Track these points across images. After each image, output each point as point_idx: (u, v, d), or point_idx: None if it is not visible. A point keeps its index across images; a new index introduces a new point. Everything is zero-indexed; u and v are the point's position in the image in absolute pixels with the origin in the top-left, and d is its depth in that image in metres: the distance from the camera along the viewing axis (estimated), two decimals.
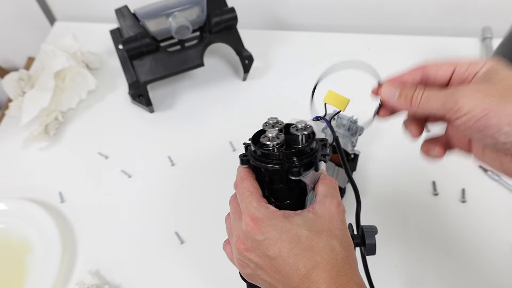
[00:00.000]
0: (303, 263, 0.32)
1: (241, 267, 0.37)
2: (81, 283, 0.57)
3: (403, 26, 0.92)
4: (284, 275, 0.33)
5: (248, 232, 0.34)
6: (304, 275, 0.32)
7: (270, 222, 0.34)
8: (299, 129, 0.37)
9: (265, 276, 0.35)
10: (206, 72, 0.82)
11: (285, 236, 0.33)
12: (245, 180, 0.38)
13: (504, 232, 0.60)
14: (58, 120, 0.76)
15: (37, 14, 0.98)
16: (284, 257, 0.33)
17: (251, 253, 0.35)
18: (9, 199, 0.66)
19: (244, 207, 0.36)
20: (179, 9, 0.71)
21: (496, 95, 0.28)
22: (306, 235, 0.33)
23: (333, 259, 0.33)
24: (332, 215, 0.35)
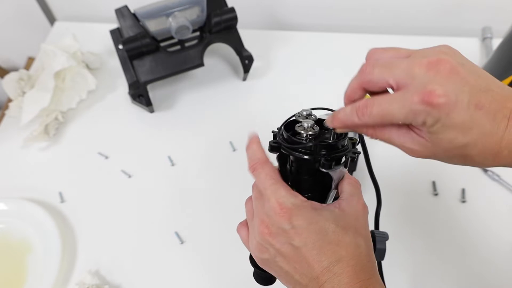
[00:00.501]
0: (327, 256, 0.33)
1: (259, 251, 0.36)
2: (81, 283, 0.57)
3: (403, 26, 0.92)
4: (305, 265, 0.33)
5: (275, 218, 0.34)
6: (326, 267, 0.33)
7: (299, 212, 0.34)
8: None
9: (284, 263, 0.35)
10: (206, 72, 0.82)
11: (313, 227, 0.33)
12: (265, 165, 0.36)
13: (504, 232, 0.60)
14: (58, 120, 0.76)
15: (37, 14, 0.98)
16: (309, 247, 0.33)
17: (274, 238, 0.35)
18: (9, 199, 0.66)
19: (270, 193, 0.35)
20: (179, 9, 0.71)
21: (427, 147, 0.31)
22: (333, 229, 0.34)
23: (357, 256, 0.33)
24: (358, 214, 0.36)
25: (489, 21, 0.85)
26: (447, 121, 0.29)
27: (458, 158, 0.32)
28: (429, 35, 0.86)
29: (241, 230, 0.41)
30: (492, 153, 0.30)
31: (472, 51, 0.83)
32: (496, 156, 0.30)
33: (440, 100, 0.28)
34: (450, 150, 0.31)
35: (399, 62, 0.31)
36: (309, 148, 0.36)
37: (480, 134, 0.29)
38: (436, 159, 0.34)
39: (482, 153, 0.30)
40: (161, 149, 0.72)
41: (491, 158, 0.30)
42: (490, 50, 0.81)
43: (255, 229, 0.37)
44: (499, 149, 0.30)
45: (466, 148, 0.30)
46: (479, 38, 0.85)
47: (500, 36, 0.67)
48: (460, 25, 0.89)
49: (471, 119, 0.29)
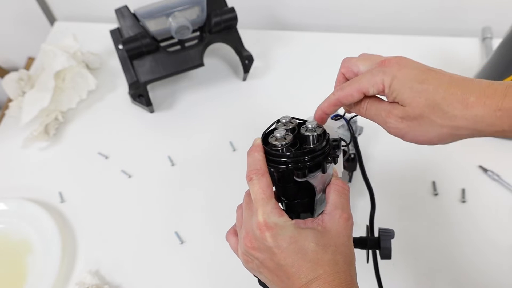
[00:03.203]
0: (305, 274, 0.34)
1: (244, 261, 0.38)
2: (81, 283, 0.57)
3: (403, 26, 0.92)
4: (286, 279, 0.35)
5: (258, 234, 0.35)
6: (304, 284, 0.34)
7: (280, 231, 0.35)
8: (309, 130, 0.37)
9: (267, 274, 0.37)
10: (206, 72, 0.82)
11: (292, 247, 0.35)
12: (262, 177, 0.36)
13: (504, 232, 0.60)
14: (58, 120, 0.76)
15: (37, 14, 0.98)
16: (289, 265, 0.35)
17: (257, 252, 0.36)
18: (9, 199, 0.66)
19: (258, 207, 0.36)
20: (179, 9, 0.71)
21: (409, 120, 0.36)
22: (313, 249, 0.35)
23: (335, 272, 0.34)
24: (340, 231, 0.36)
25: (489, 21, 0.85)
26: (401, 76, 0.35)
27: (427, 109, 0.35)
28: (429, 35, 0.86)
29: (230, 238, 0.42)
30: (457, 99, 0.34)
31: (472, 51, 0.83)
32: (464, 104, 0.33)
33: (392, 60, 0.37)
34: (415, 103, 0.35)
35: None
36: (283, 157, 0.35)
37: (435, 79, 0.35)
38: (414, 131, 0.36)
39: (447, 98, 0.34)
40: (161, 149, 0.72)
41: (459, 106, 0.34)
42: (490, 50, 0.81)
43: (241, 240, 0.38)
44: (463, 97, 0.34)
45: (428, 93, 0.34)
46: (479, 38, 0.85)
47: (500, 36, 0.67)
48: (460, 25, 0.89)
49: (424, 73, 0.36)
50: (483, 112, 0.33)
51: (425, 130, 0.35)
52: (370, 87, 0.37)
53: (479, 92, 0.33)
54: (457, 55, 0.82)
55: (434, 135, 0.35)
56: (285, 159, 0.35)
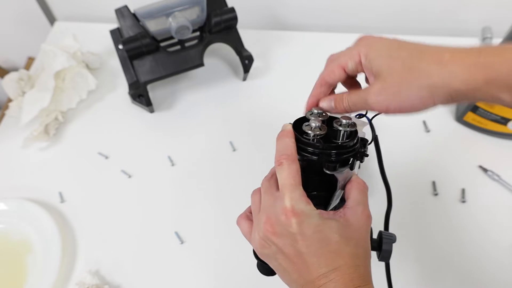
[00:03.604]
0: (326, 264, 0.34)
1: (260, 246, 0.37)
2: (81, 283, 0.57)
3: (403, 26, 0.92)
4: (303, 268, 0.35)
5: (283, 220, 0.35)
6: (323, 274, 0.34)
7: (306, 219, 0.35)
8: (343, 125, 0.37)
9: (284, 261, 0.36)
10: (206, 72, 0.82)
11: (317, 236, 0.35)
12: (292, 163, 0.36)
13: (504, 232, 0.60)
14: (58, 120, 0.76)
15: (37, 14, 0.98)
16: (311, 254, 0.34)
17: (277, 238, 0.35)
18: (9, 199, 0.66)
19: (286, 193, 0.35)
20: (179, 9, 0.71)
21: (392, 92, 0.36)
22: (336, 239, 0.35)
23: (355, 265, 0.35)
24: (362, 225, 0.37)
25: (489, 21, 0.85)
26: (377, 46, 0.39)
27: (404, 72, 0.36)
28: (429, 35, 0.86)
29: (242, 222, 0.41)
30: (432, 58, 0.35)
31: None
32: (439, 62, 0.34)
33: (367, 36, 0.41)
34: (392, 69, 0.36)
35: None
36: (316, 148, 0.36)
37: (410, 45, 0.38)
38: (395, 100, 0.36)
39: (422, 58, 0.35)
40: (161, 149, 0.72)
41: (434, 64, 0.35)
42: None
43: (260, 224, 0.37)
44: (438, 55, 0.35)
45: (403, 57, 0.36)
46: (479, 38, 0.85)
47: (500, 36, 0.67)
48: (460, 25, 0.89)
49: (397, 42, 0.39)
50: (457, 68, 0.33)
51: (406, 95, 0.36)
52: (348, 60, 0.40)
53: (454, 50, 0.35)
54: None
55: (415, 98, 0.35)
56: (318, 150, 0.36)
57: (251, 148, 0.71)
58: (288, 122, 0.40)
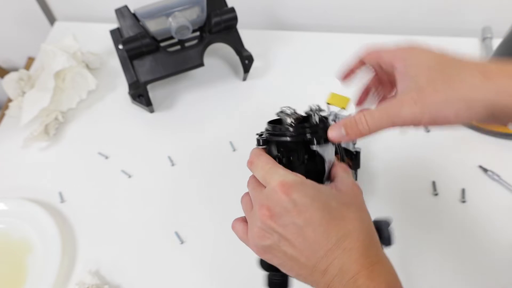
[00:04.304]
0: (335, 231, 0.32)
1: (261, 238, 0.35)
2: (81, 283, 0.57)
3: (403, 26, 0.92)
4: (310, 245, 0.32)
5: (276, 197, 0.33)
6: (335, 244, 0.32)
7: (300, 188, 0.33)
8: (313, 111, 0.39)
9: (288, 247, 0.33)
10: (206, 72, 0.82)
11: (317, 205, 0.33)
12: (261, 155, 0.37)
13: (504, 232, 0.60)
14: (58, 120, 0.76)
15: (37, 14, 0.98)
16: (315, 225, 0.32)
17: (277, 221, 0.33)
18: (9, 199, 0.66)
19: (270, 176, 0.35)
20: (179, 9, 0.71)
21: (430, 99, 0.33)
22: (336, 206, 0.33)
23: (364, 230, 0.33)
24: (356, 193, 0.36)
25: (489, 21, 0.85)
26: (418, 54, 0.35)
27: (443, 82, 0.33)
28: (429, 35, 0.86)
29: (236, 224, 0.40)
30: (476, 68, 0.33)
31: (472, 51, 0.83)
32: (484, 73, 0.32)
33: (409, 42, 0.37)
34: (431, 77, 0.33)
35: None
36: (296, 129, 0.37)
37: (451, 55, 0.35)
38: (431, 110, 0.33)
39: (465, 67, 0.33)
40: (161, 149, 0.72)
41: (479, 75, 0.32)
42: (490, 50, 0.81)
43: (255, 216, 0.35)
44: (483, 66, 0.33)
45: (444, 64, 0.34)
46: (479, 38, 0.85)
47: (500, 36, 0.67)
48: (460, 25, 0.89)
49: (439, 54, 0.35)
50: (504, 81, 0.31)
51: (442, 106, 0.32)
52: (385, 54, 0.38)
53: (500, 63, 0.32)
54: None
55: (450, 111, 0.32)
56: (298, 131, 0.37)
57: (251, 148, 0.71)
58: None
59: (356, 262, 0.31)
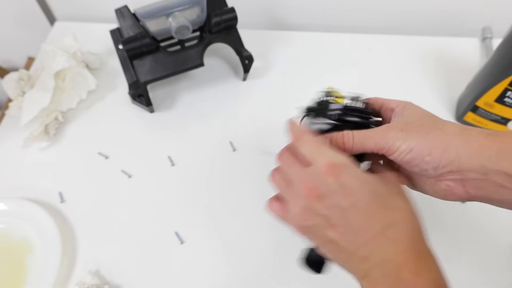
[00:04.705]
0: (380, 219, 0.31)
1: (303, 218, 0.34)
2: (81, 283, 0.57)
3: (403, 26, 0.92)
4: (353, 230, 0.31)
5: (323, 178, 0.32)
6: (379, 232, 0.31)
7: (349, 170, 0.32)
8: (356, 98, 0.41)
9: (329, 229, 0.32)
10: (206, 72, 0.82)
11: (364, 188, 0.32)
12: (307, 133, 0.36)
13: (504, 233, 0.60)
14: (58, 120, 0.76)
15: (37, 14, 0.98)
16: (360, 210, 0.31)
17: (322, 201, 0.32)
18: (9, 199, 0.66)
19: (318, 155, 0.34)
20: (179, 9, 0.71)
21: (414, 131, 0.34)
22: (384, 193, 0.32)
23: (411, 221, 0.32)
24: (398, 182, 0.36)
25: (489, 21, 0.85)
26: (414, 107, 0.38)
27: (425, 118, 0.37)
28: (429, 35, 0.86)
29: (273, 204, 0.38)
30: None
31: (472, 51, 0.83)
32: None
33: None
34: (425, 119, 0.36)
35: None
36: (368, 112, 0.40)
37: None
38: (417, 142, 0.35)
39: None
40: (161, 149, 0.72)
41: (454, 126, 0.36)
42: (490, 50, 0.81)
43: (297, 194, 0.34)
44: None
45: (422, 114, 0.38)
46: (479, 38, 0.85)
47: (500, 36, 0.67)
48: (460, 25, 0.89)
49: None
50: (484, 142, 0.33)
51: (422, 139, 0.35)
52: (385, 100, 0.41)
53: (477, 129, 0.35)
54: (457, 55, 0.82)
55: (427, 145, 0.34)
56: (369, 112, 0.40)
57: (251, 148, 0.71)
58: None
59: (400, 254, 0.30)
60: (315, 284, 0.56)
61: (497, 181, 0.33)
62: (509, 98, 0.63)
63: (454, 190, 0.36)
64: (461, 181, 0.35)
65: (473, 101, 0.67)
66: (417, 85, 0.79)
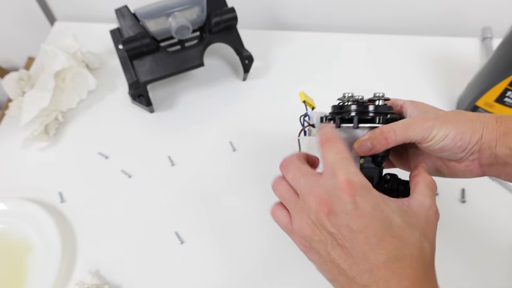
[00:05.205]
0: (387, 250, 0.29)
1: (311, 232, 0.32)
2: (81, 283, 0.57)
3: (403, 26, 0.92)
4: (357, 254, 0.30)
5: (339, 195, 0.31)
6: (383, 263, 0.29)
7: (366, 194, 0.31)
8: (379, 97, 0.40)
9: (333, 248, 0.31)
10: (206, 72, 0.82)
11: (378, 214, 0.30)
12: (338, 141, 0.35)
13: (504, 232, 0.60)
14: (58, 120, 0.76)
15: (37, 14, 0.98)
16: (368, 235, 0.30)
17: (333, 218, 0.31)
18: (9, 199, 0.66)
19: (340, 167, 0.32)
20: (179, 9, 0.71)
21: (446, 120, 0.37)
22: (399, 224, 0.31)
23: (421, 259, 0.30)
24: (429, 218, 0.33)
25: (489, 21, 0.85)
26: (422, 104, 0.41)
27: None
28: (429, 35, 0.86)
29: (278, 212, 0.37)
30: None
31: (472, 51, 0.83)
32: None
33: None
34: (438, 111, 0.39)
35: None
36: (387, 108, 0.40)
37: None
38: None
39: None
40: (161, 149, 0.72)
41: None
42: (490, 50, 0.81)
43: (307, 207, 0.33)
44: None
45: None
46: (479, 38, 0.85)
47: (500, 36, 0.67)
48: (460, 25, 0.89)
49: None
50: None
51: (454, 124, 0.37)
52: (398, 100, 0.42)
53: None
54: (457, 55, 0.82)
55: (459, 130, 0.37)
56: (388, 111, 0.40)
57: (251, 148, 0.71)
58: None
59: None
60: (315, 284, 0.56)
61: (502, 158, 0.36)
62: (509, 98, 0.63)
63: (472, 169, 0.39)
64: (478, 160, 0.38)
65: (473, 101, 0.67)
66: (417, 85, 0.79)
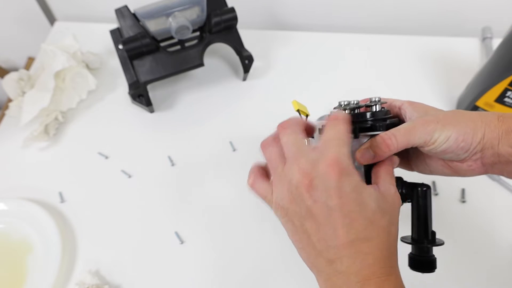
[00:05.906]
0: (357, 230, 0.31)
1: (289, 201, 0.34)
2: (81, 283, 0.57)
3: (403, 26, 0.92)
4: (330, 230, 0.32)
5: (324, 170, 0.32)
6: (352, 241, 0.31)
7: (349, 176, 0.32)
8: (375, 102, 0.40)
9: (307, 221, 0.33)
10: (206, 72, 0.82)
11: (355, 196, 0.32)
12: (344, 124, 0.35)
13: (504, 232, 0.60)
14: (58, 120, 0.76)
15: (37, 14, 0.98)
16: (343, 213, 0.31)
17: (312, 192, 0.32)
18: (9, 199, 0.66)
19: (333, 145, 0.33)
20: (179, 9, 0.71)
21: (447, 122, 0.36)
22: (373, 208, 0.33)
23: (387, 242, 0.33)
24: (395, 204, 0.36)
25: (489, 21, 0.85)
26: (421, 104, 0.40)
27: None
28: (429, 35, 0.86)
29: (259, 183, 0.38)
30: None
31: (472, 51, 0.83)
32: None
33: None
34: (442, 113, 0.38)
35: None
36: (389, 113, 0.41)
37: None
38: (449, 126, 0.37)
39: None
40: (161, 149, 0.72)
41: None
42: (490, 50, 0.81)
43: (291, 176, 0.34)
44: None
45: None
46: (479, 38, 0.85)
47: (500, 36, 0.67)
48: (460, 25, 0.89)
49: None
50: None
51: (456, 125, 0.36)
52: (395, 101, 0.42)
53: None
54: (457, 55, 0.82)
55: (461, 130, 0.36)
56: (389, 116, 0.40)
57: (251, 148, 0.71)
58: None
59: (368, 268, 0.31)
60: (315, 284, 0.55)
61: (505, 156, 0.36)
62: (509, 98, 0.63)
63: (475, 168, 0.38)
64: (481, 159, 0.37)
65: (473, 101, 0.67)
66: (417, 85, 0.79)
